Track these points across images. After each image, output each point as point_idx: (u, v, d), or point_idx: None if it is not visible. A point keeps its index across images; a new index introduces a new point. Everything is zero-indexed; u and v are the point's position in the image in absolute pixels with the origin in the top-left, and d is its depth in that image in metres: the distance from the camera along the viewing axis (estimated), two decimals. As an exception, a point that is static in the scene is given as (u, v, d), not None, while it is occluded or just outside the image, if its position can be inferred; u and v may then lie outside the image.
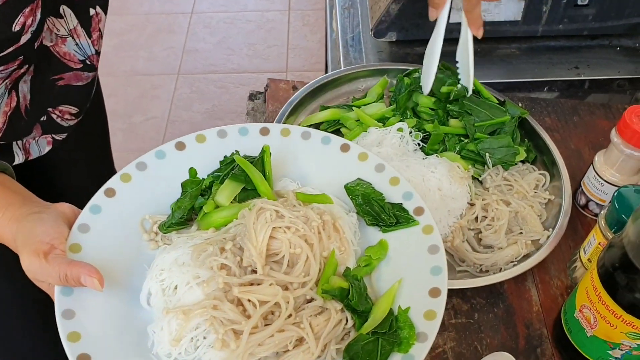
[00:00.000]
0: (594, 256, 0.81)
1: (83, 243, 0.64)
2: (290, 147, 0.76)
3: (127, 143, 2.39)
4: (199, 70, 2.70)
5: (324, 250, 0.66)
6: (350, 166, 0.75)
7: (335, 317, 0.63)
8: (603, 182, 0.89)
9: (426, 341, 0.60)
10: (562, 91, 1.19)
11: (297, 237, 0.65)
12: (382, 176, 0.74)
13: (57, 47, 0.82)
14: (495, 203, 0.89)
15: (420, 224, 0.69)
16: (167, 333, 0.61)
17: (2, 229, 0.62)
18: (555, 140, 0.99)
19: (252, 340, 0.59)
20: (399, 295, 0.65)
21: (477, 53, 1.22)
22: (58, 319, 0.59)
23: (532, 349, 0.79)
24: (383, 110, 1.02)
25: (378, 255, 0.69)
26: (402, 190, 0.72)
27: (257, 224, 0.64)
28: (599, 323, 0.70)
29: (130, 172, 0.71)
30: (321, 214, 0.68)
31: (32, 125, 0.84)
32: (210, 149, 0.75)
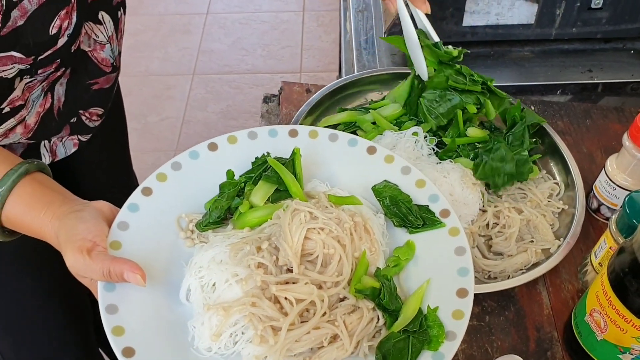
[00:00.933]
0: (605, 260, 0.81)
1: (123, 240, 0.66)
2: (318, 149, 0.78)
3: (143, 143, 2.41)
4: (214, 70, 2.71)
5: (355, 251, 0.68)
6: (376, 168, 0.77)
7: (368, 316, 0.65)
8: (615, 186, 0.89)
9: (455, 339, 0.61)
10: (575, 94, 1.19)
11: (330, 238, 0.67)
12: (408, 178, 0.75)
13: (96, 52, 0.84)
14: (507, 210, 0.90)
15: (446, 226, 0.71)
16: (207, 328, 0.63)
17: (44, 226, 0.64)
18: (568, 144, 0.99)
19: (290, 336, 0.62)
20: (427, 295, 0.67)
21: (490, 55, 1.23)
22: (102, 313, 0.61)
23: (543, 352, 0.80)
24: (399, 111, 1.02)
25: (406, 256, 0.71)
26: (429, 192, 0.74)
27: (292, 225, 0.67)
28: (609, 327, 0.71)
29: (165, 171, 0.73)
30: (352, 215, 0.70)
31: (62, 126, 0.87)
32: (241, 150, 0.77)
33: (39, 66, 0.73)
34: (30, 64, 0.71)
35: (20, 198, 0.65)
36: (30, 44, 0.68)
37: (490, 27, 1.19)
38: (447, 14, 1.16)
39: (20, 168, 0.65)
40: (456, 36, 1.21)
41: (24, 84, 0.74)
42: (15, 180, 0.64)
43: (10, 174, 0.64)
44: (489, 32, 1.20)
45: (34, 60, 0.71)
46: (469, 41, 1.22)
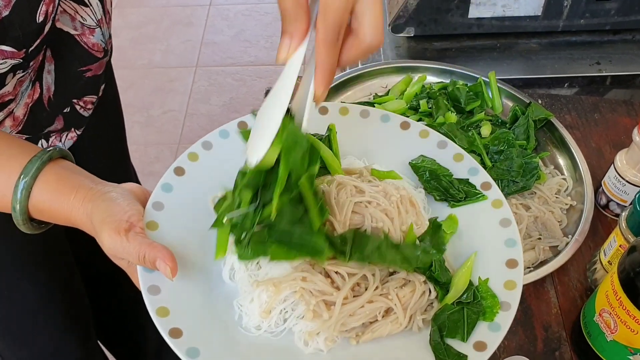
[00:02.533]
0: (615, 259, 0.80)
1: (159, 221, 0.65)
2: (350, 126, 0.76)
3: (146, 136, 2.40)
4: (217, 62, 2.70)
5: (402, 224, 0.67)
6: (411, 143, 0.75)
7: (420, 289, 0.64)
8: (624, 182, 0.87)
9: (510, 310, 0.60)
10: (582, 87, 1.17)
11: (378, 211, 0.65)
12: (446, 152, 0.74)
13: (85, 37, 0.81)
14: (515, 207, 0.88)
15: (489, 198, 0.69)
16: (257, 305, 0.62)
17: (74, 210, 0.62)
18: (576, 138, 0.98)
19: (344, 310, 0.61)
20: (476, 268, 0.65)
21: (496, 48, 1.21)
22: (145, 295, 0.60)
23: (551, 352, 0.79)
24: (403, 107, 1.01)
25: (451, 229, 0.69)
26: (467, 165, 0.72)
27: (339, 199, 0.65)
28: (619, 328, 0.69)
29: (197, 151, 0.72)
30: (398, 188, 0.69)
31: (54, 117, 0.84)
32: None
33: (31, 58, 0.71)
34: (23, 57, 0.68)
35: (47, 185, 0.63)
36: (19, 35, 0.66)
37: (496, 19, 1.17)
38: (452, 5, 1.14)
39: (43, 155, 0.63)
40: (462, 28, 1.19)
41: (16, 79, 0.72)
42: (40, 168, 0.62)
43: (34, 161, 0.62)
44: (495, 24, 1.18)
45: (25, 52, 0.68)
46: (475, 33, 1.20)
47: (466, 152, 0.73)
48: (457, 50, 1.21)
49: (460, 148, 0.74)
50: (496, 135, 0.95)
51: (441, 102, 1.00)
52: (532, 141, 0.96)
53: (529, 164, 0.92)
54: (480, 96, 1.03)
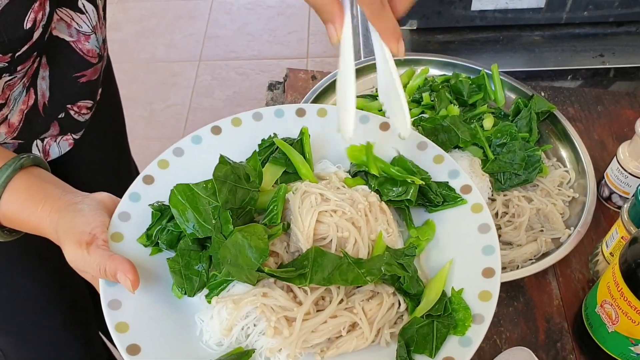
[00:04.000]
0: (616, 250, 0.80)
1: (124, 232, 0.64)
2: (328, 128, 0.74)
3: (149, 131, 2.40)
4: (220, 57, 2.69)
5: (371, 233, 0.65)
6: (391, 144, 0.73)
7: (388, 301, 0.62)
8: (627, 174, 0.87)
9: (483, 323, 0.58)
10: (586, 80, 1.17)
11: (344, 220, 0.63)
12: (426, 154, 0.72)
13: (80, 44, 0.82)
14: (517, 199, 0.88)
15: (468, 203, 0.67)
16: (217, 322, 0.60)
17: (42, 221, 0.62)
18: (579, 131, 0.98)
19: (306, 326, 0.59)
20: (451, 277, 0.63)
21: (499, 41, 1.21)
22: (105, 309, 0.59)
23: (552, 343, 0.79)
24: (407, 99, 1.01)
25: (426, 236, 0.67)
26: (448, 168, 0.70)
27: (303, 209, 0.63)
28: (620, 319, 0.70)
29: (167, 158, 0.71)
30: (367, 195, 0.67)
31: (49, 123, 0.84)
32: (246, 132, 0.74)
33: (18, 63, 0.70)
34: (8, 61, 0.68)
35: (16, 194, 0.63)
36: (5, 41, 0.65)
37: (499, 12, 1.17)
38: (455, -2, 1.14)
39: (14, 163, 0.63)
40: (464, 21, 1.19)
41: (3, 82, 0.72)
42: (10, 176, 0.62)
43: (4, 169, 0.62)
44: (498, 17, 1.18)
45: (11, 57, 0.68)
46: (478, 26, 1.20)
47: (447, 154, 0.71)
48: (460, 43, 1.21)
49: (441, 149, 0.72)
50: (499, 127, 0.95)
51: (443, 95, 1.00)
52: (534, 134, 0.96)
53: (531, 156, 0.92)
54: (483, 89, 1.03)
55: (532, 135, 0.96)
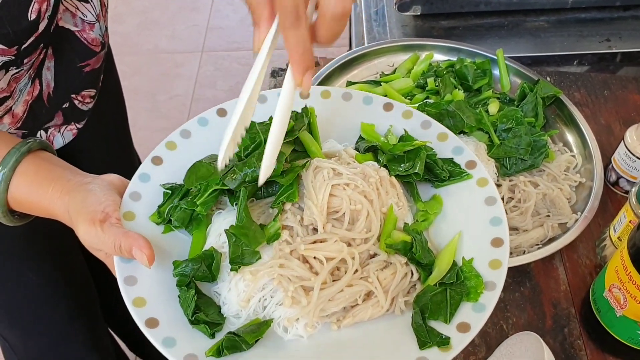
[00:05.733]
0: (624, 234, 0.79)
1: (136, 211, 0.64)
2: (332, 109, 0.75)
3: (152, 122, 2.40)
4: (223, 47, 2.68)
5: (382, 206, 0.65)
6: (395, 124, 0.73)
7: (401, 271, 0.63)
8: (635, 158, 0.86)
9: (495, 289, 0.59)
10: (592, 65, 1.16)
11: (356, 193, 0.64)
12: (430, 132, 0.72)
13: (85, 33, 0.81)
14: (523, 184, 0.87)
15: (474, 177, 0.68)
16: (234, 294, 0.61)
17: (53, 202, 0.62)
18: (585, 116, 0.96)
19: (323, 295, 0.59)
20: (461, 248, 0.64)
21: (504, 26, 1.19)
22: (121, 285, 0.59)
23: (560, 328, 0.78)
24: (410, 86, 1.00)
25: (435, 209, 0.68)
26: (452, 145, 0.71)
27: (316, 182, 0.64)
28: (629, 303, 0.69)
29: (175, 140, 0.71)
30: (377, 170, 0.67)
31: (54, 113, 0.84)
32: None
33: (24, 55, 0.70)
34: (15, 54, 0.68)
35: (25, 176, 0.63)
36: (9, 32, 0.65)
37: (504, -4, 1.16)
38: (459, -17, 1.13)
39: (22, 147, 0.63)
40: (469, 6, 1.17)
41: (10, 75, 0.71)
42: (19, 159, 0.62)
43: (12, 152, 0.62)
44: (503, 2, 1.17)
45: (17, 50, 0.68)
46: (483, 11, 1.19)
47: (451, 132, 0.72)
48: (465, 29, 1.19)
49: (445, 127, 0.72)
50: (504, 112, 0.94)
51: (448, 80, 0.99)
52: (540, 119, 0.95)
53: (537, 141, 0.91)
54: (488, 74, 1.02)
55: (538, 120, 0.95)
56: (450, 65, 1.03)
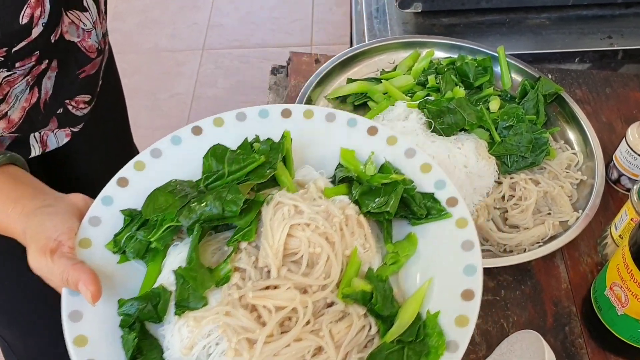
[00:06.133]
0: (626, 232, 0.79)
1: (93, 237, 0.61)
2: (314, 130, 0.71)
3: (153, 120, 2.39)
4: (224, 45, 2.68)
5: (346, 249, 0.61)
6: (378, 151, 0.70)
7: (358, 323, 0.58)
8: (636, 156, 0.86)
9: (457, 351, 0.55)
10: (594, 62, 1.15)
11: (316, 235, 0.59)
12: (413, 162, 0.68)
13: (84, 42, 0.81)
14: (524, 182, 0.87)
15: (453, 217, 0.63)
16: (178, 340, 0.57)
17: (13, 223, 0.61)
18: (587, 113, 0.96)
19: (267, 350, 0.55)
20: (428, 298, 0.60)
21: (505, 23, 1.19)
22: (65, 321, 0.56)
23: (561, 327, 0.78)
24: (411, 83, 1.00)
25: (406, 251, 0.63)
26: (435, 178, 0.66)
27: (274, 221, 0.60)
28: (630, 301, 0.68)
29: (144, 159, 0.67)
30: (344, 207, 0.63)
31: (49, 119, 0.83)
32: (228, 133, 0.70)
33: (15, 58, 0.69)
34: (4, 56, 0.67)
35: None
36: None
37: (505, -7, 1.15)
38: (460, -20, 1.12)
39: None
40: (470, 3, 1.17)
41: (0, 77, 0.70)
42: None
43: None
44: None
45: (7, 52, 0.66)
46: (484, 8, 1.19)
47: (435, 163, 0.68)
48: (466, 26, 1.19)
49: (429, 157, 0.68)
50: (505, 110, 0.93)
51: (449, 78, 0.99)
52: (541, 116, 0.95)
53: (538, 139, 0.90)
54: (489, 71, 1.01)
55: (539, 117, 0.95)
56: (451, 62, 1.02)
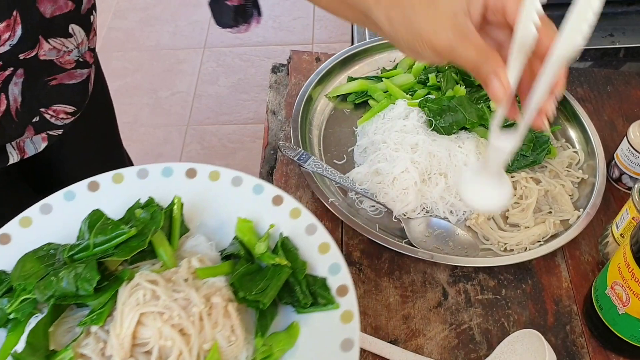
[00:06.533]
0: (627, 231, 0.78)
1: None
2: (218, 194, 0.68)
3: (154, 118, 2.40)
4: (225, 43, 2.68)
5: (205, 342, 0.56)
6: (280, 222, 0.66)
7: None
8: (638, 154, 0.86)
9: None
10: (595, 60, 1.15)
11: (168, 326, 0.54)
12: (313, 239, 0.64)
13: (62, 58, 0.80)
14: (525, 181, 0.87)
15: (340, 308, 0.59)
16: None
17: None
18: (588, 112, 0.96)
19: None
20: None
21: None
22: None
23: (562, 326, 0.78)
24: (412, 81, 0.99)
25: (282, 344, 0.58)
26: (331, 260, 0.62)
27: (126, 306, 0.55)
28: (631, 300, 0.68)
29: (31, 215, 0.63)
30: (210, 295, 0.58)
31: (24, 127, 0.82)
32: (127, 191, 0.66)
33: None
34: None
35: None
36: None
37: (506, -9, 1.15)
38: (461, -23, 1.12)
39: None
40: (471, 1, 1.16)
41: None
42: None
43: None
44: (506, -3, 1.16)
45: None
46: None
47: (335, 244, 0.62)
48: (467, 24, 1.19)
49: (329, 237, 0.63)
50: (506, 108, 0.93)
51: (450, 76, 0.99)
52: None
53: (539, 137, 0.90)
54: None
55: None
56: (452, 60, 1.02)
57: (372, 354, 0.73)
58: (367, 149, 0.91)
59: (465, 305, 0.78)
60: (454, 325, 0.76)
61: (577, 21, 0.49)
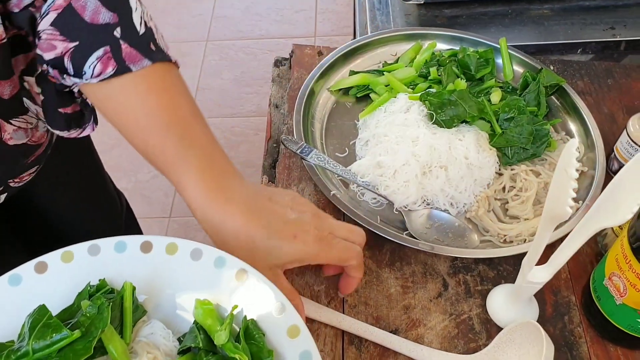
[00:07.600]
0: (625, 223, 0.79)
1: None
2: (175, 269, 0.62)
3: (158, 111, 2.41)
4: (228, 36, 2.68)
5: None
6: (244, 302, 0.60)
7: None
8: (637, 147, 0.86)
9: None
10: (596, 53, 1.16)
11: None
12: (282, 320, 0.58)
13: (33, 137, 0.77)
14: (524, 173, 0.88)
15: None
16: None
17: None
18: (588, 104, 0.97)
19: None
20: None
21: (508, 14, 1.19)
22: None
23: (560, 316, 0.79)
24: (413, 75, 1.00)
25: None
26: (302, 347, 0.56)
27: None
28: (628, 291, 0.69)
29: None
30: None
31: None
32: (78, 270, 0.61)
33: None
34: None
35: None
36: None
37: (508, -16, 1.16)
38: (463, -29, 1.13)
39: None
40: (473, -6, 1.17)
41: None
42: None
43: None
44: (507, -10, 1.16)
45: None
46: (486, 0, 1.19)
47: (306, 328, 0.57)
48: (468, 17, 1.19)
49: (300, 319, 0.57)
50: (506, 101, 0.94)
51: (450, 70, 0.99)
52: (543, 107, 0.95)
53: (539, 130, 0.91)
54: (491, 63, 1.02)
55: (540, 109, 0.95)
56: (453, 54, 1.03)
57: (374, 344, 0.74)
58: (368, 142, 0.92)
59: (465, 296, 0.79)
60: (454, 315, 0.78)
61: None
